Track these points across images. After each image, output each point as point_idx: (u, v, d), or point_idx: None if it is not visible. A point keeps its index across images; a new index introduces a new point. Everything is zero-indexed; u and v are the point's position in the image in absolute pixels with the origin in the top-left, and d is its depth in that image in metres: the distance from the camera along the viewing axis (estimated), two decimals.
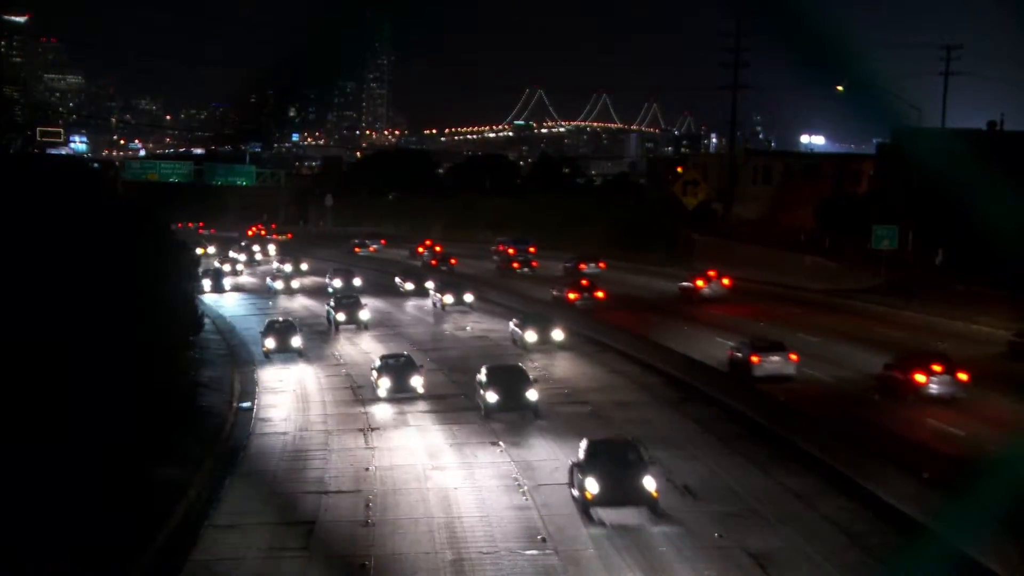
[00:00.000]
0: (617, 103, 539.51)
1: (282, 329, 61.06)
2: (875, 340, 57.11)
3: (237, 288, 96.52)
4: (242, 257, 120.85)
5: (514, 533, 30.62)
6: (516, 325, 60.94)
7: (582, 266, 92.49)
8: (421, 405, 47.78)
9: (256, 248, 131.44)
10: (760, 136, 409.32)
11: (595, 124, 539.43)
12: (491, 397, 43.99)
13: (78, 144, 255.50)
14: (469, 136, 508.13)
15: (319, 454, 40.48)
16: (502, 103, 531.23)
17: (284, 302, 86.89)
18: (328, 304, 72.00)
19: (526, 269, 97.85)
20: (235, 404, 48.64)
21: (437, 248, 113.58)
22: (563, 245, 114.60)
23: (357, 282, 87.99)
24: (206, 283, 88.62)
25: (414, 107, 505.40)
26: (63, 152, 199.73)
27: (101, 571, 27.71)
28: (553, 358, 57.17)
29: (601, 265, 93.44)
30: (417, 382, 48.43)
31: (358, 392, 50.99)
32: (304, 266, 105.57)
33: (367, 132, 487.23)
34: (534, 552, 29.45)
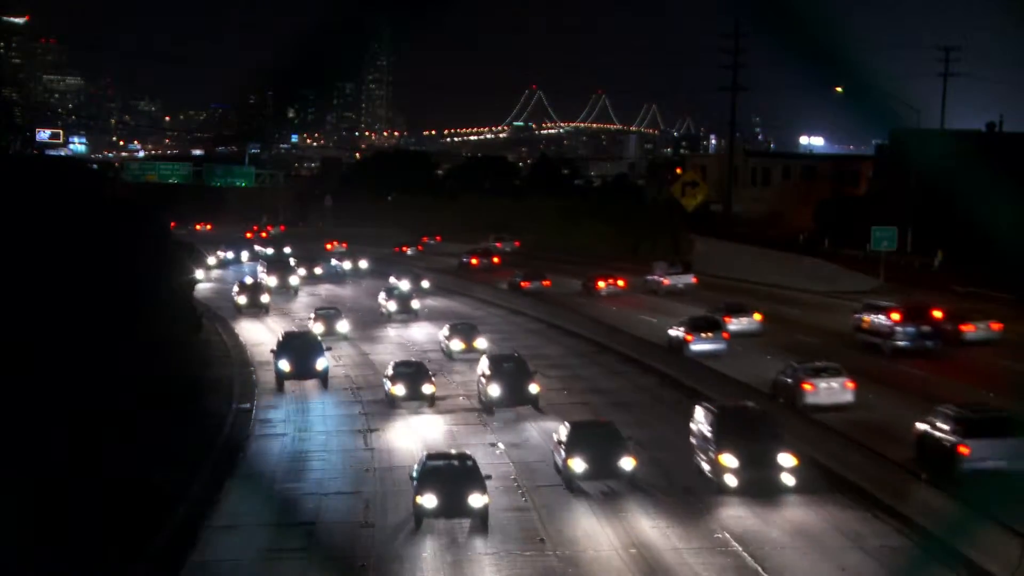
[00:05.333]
0: (616, 104, 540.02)
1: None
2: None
3: None
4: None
5: (513, 534, 30.62)
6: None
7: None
8: (421, 406, 47.69)
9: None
10: (759, 137, 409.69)
11: (594, 125, 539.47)
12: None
13: (77, 145, 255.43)
14: (468, 137, 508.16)
15: (318, 455, 40.46)
16: (501, 104, 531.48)
17: None
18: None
19: None
20: (234, 405, 48.58)
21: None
22: (562, 246, 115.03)
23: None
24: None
25: (413, 108, 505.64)
26: (62, 153, 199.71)
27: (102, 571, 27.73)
28: None
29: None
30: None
31: (357, 394, 50.96)
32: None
33: (366, 133, 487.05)
34: (533, 553, 29.46)
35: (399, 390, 47.29)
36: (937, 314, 55.43)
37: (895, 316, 54.59)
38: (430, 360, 55.39)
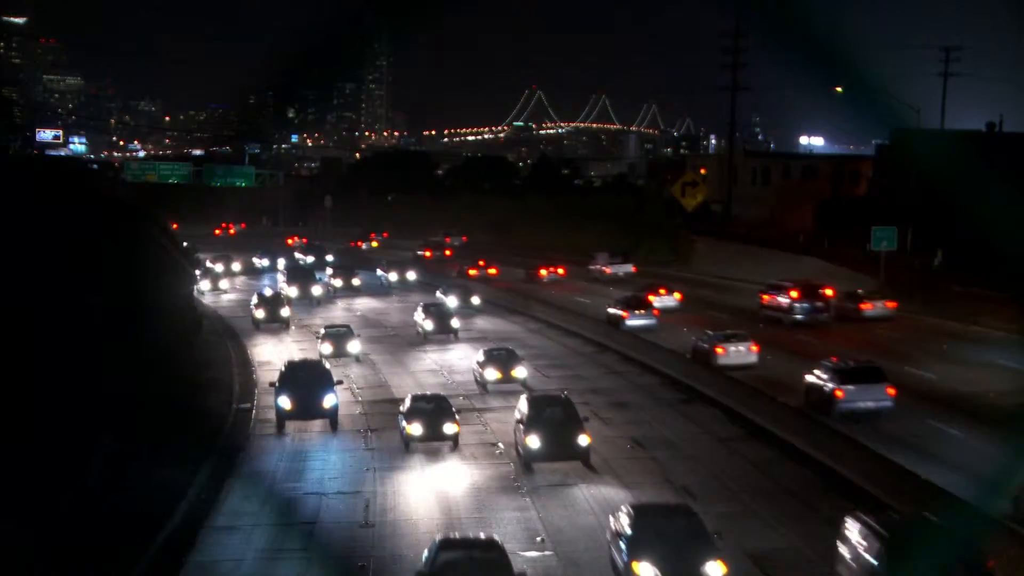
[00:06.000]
0: (616, 104, 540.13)
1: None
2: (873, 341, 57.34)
3: None
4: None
5: (513, 534, 30.58)
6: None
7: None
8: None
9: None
10: (759, 137, 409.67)
11: (594, 125, 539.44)
12: None
13: (77, 145, 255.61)
14: (468, 137, 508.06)
15: (319, 455, 40.44)
16: (501, 104, 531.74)
17: None
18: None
19: None
20: (235, 405, 48.56)
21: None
22: (562, 246, 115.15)
23: None
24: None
25: (413, 108, 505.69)
26: (62, 153, 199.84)
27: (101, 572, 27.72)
28: None
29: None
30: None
31: (357, 394, 50.94)
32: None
33: (366, 133, 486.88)
34: (533, 553, 29.44)
35: (416, 429, 39.77)
36: (828, 292, 65.23)
37: (793, 294, 64.50)
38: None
